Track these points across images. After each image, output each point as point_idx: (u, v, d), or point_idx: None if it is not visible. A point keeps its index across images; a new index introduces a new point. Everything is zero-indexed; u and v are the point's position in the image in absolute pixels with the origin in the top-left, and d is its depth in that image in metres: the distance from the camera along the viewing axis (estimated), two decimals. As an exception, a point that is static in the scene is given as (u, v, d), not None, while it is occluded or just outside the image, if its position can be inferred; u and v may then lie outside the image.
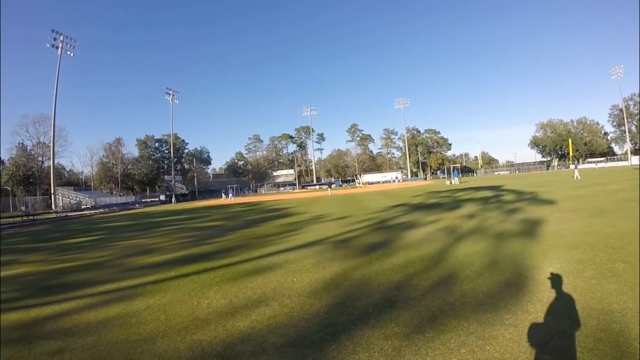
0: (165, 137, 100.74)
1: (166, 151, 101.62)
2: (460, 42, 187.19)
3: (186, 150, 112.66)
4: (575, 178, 30.54)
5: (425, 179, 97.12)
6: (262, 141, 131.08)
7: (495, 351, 2.86)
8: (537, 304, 3.69)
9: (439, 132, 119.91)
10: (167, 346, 3.39)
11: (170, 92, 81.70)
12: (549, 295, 3.94)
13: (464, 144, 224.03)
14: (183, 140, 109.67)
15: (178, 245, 9.84)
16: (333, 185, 53.28)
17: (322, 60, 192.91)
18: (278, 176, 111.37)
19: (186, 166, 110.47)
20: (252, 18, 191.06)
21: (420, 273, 5.14)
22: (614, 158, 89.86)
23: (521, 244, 6.61)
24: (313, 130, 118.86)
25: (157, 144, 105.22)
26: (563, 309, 3.56)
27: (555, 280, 4.37)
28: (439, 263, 5.66)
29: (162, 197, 67.40)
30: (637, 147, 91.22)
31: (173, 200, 65.44)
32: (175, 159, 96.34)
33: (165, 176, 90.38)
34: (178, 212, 29.19)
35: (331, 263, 6.18)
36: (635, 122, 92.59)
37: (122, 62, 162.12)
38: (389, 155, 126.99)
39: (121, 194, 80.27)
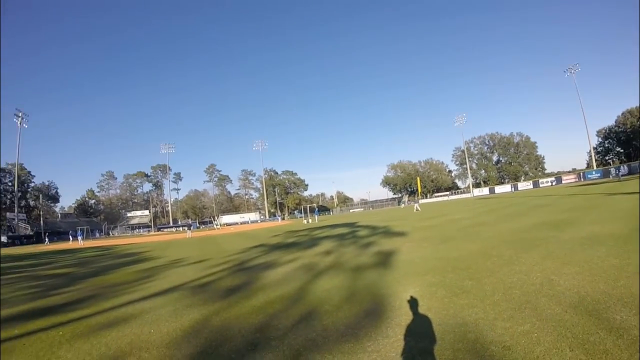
0: (9, 166, 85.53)
1: (10, 183, 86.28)
2: (314, 82, 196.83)
3: (32, 184, 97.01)
4: (415, 210, 37.13)
5: (283, 219, 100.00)
6: (116, 178, 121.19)
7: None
8: (396, 328, 3.83)
9: (295, 173, 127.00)
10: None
11: (19, 114, 70.59)
12: (407, 318, 4.14)
13: (320, 184, 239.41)
14: (29, 172, 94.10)
15: (22, 297, 8.26)
16: (192, 227, 51.69)
17: (179, 94, 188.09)
18: (132, 217, 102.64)
19: (32, 203, 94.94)
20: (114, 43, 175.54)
21: (280, 313, 5.06)
22: (457, 191, 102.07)
23: (377, 274, 6.95)
24: (170, 169, 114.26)
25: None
26: (421, 329, 3.76)
27: (411, 303, 4.63)
28: (299, 301, 5.65)
29: (4, 239, 56.45)
30: (477, 181, 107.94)
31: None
32: (19, 194, 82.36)
33: (8, 213, 76.17)
34: (22, 256, 25.59)
35: (190, 310, 5.77)
36: (475, 161, 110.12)
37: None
38: (247, 196, 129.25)
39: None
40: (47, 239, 57.06)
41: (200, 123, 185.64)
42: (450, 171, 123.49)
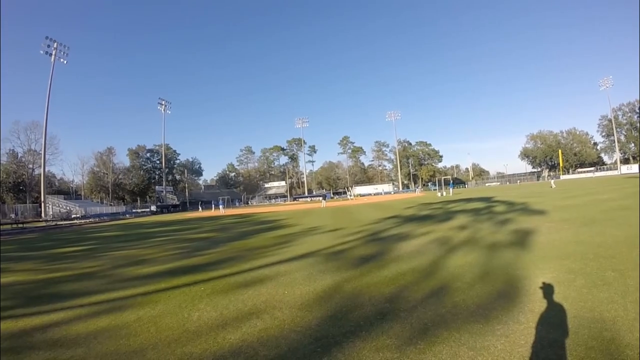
0: (157, 147, 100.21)
1: (158, 161, 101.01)
2: (451, 54, 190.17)
3: (177, 161, 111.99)
4: (552, 187, 35.76)
5: (416, 191, 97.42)
6: (254, 153, 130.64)
7: (487, 362, 2.86)
8: (529, 314, 3.71)
9: (430, 144, 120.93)
10: (157, 358, 3.34)
11: (163, 102, 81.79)
12: (541, 305, 3.97)
13: (455, 155, 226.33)
14: (175, 151, 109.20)
15: (169, 257, 9.74)
16: (326, 197, 53.42)
17: (314, 72, 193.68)
18: (269, 188, 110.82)
19: (177, 177, 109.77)
20: (245, 29, 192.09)
21: (411, 285, 5.14)
22: (603, 167, 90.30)
23: (513, 254, 6.66)
24: (305, 142, 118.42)
25: (148, 154, 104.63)
26: (554, 319, 3.58)
27: (547, 290, 4.41)
28: (431, 275, 5.67)
29: (153, 208, 66.72)
30: (626, 157, 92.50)
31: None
32: (167, 170, 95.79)
33: (157, 187, 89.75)
34: (169, 223, 28.97)
35: (323, 275, 6.15)
36: (624, 132, 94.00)
37: (114, 70, 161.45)
38: (380, 168, 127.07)
39: (112, 203, 79.34)
40: (200, 207, 65.99)
41: (333, 96, 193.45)
42: (595, 143, 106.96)
